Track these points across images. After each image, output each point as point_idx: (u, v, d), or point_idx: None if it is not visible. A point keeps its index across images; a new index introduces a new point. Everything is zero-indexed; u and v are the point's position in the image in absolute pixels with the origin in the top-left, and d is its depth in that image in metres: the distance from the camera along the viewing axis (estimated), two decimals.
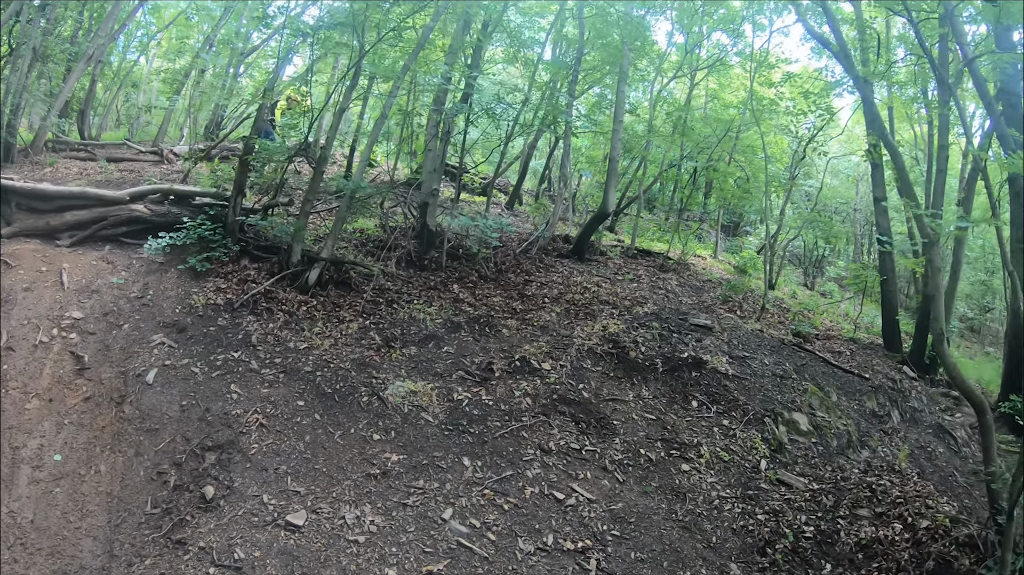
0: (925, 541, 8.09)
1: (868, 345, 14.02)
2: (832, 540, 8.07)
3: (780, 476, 8.99)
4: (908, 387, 12.61)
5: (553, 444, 8.68)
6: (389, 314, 11.11)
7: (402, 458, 8.13)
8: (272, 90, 12.76)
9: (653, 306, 12.65)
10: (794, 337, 12.91)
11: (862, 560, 7.84)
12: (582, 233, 15.20)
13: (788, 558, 7.74)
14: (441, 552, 6.89)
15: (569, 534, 7.49)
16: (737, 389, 10.14)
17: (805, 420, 10.06)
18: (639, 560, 7.38)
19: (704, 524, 8.07)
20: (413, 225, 13.58)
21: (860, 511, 8.60)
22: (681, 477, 8.63)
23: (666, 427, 9.28)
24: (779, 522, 8.22)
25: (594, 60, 17.52)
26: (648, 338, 10.90)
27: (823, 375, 11.59)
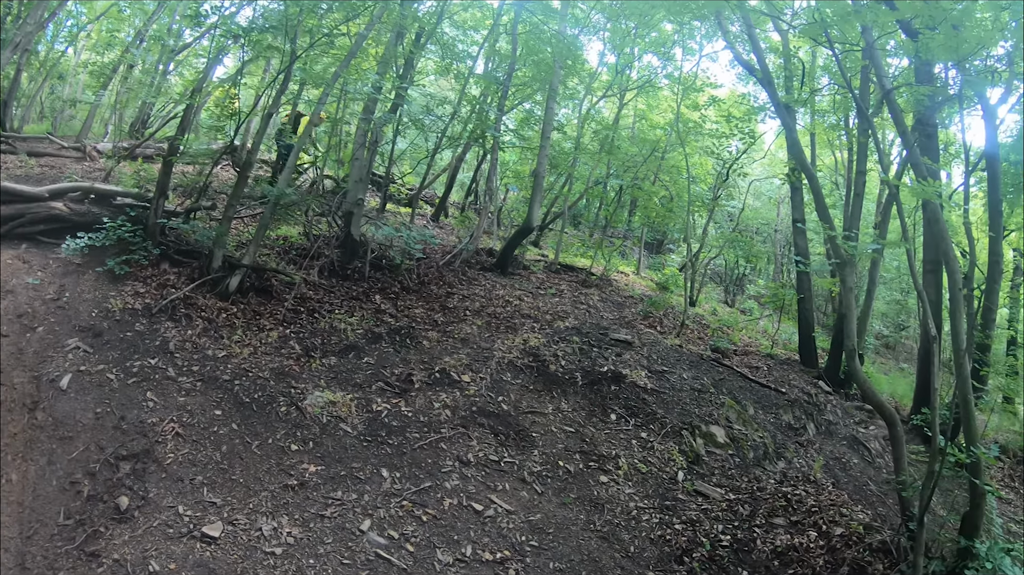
0: (840, 548, 8.33)
1: (785, 361, 14.39)
2: (749, 548, 8.22)
3: (697, 487, 9.15)
4: (823, 401, 12.97)
5: (472, 456, 8.67)
6: (310, 323, 11.01)
7: (320, 469, 8.03)
8: (201, 90, 12.58)
9: (574, 320, 12.77)
10: (713, 352, 13.18)
11: (778, 567, 8.01)
12: (506, 247, 15.29)
13: (705, 566, 7.85)
14: (359, 563, 6.82)
15: (488, 545, 7.48)
16: (655, 402, 10.30)
17: (722, 433, 10.28)
18: (558, 570, 7.41)
19: (622, 534, 8.13)
20: (337, 234, 13.47)
21: (776, 520, 8.80)
22: (599, 488, 8.70)
23: (585, 439, 9.36)
24: (696, 531, 8.34)
25: (525, 76, 17.68)
26: (568, 352, 11.01)
27: (740, 389, 11.85)
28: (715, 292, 22.88)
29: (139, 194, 11.81)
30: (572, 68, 17.35)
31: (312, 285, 12.06)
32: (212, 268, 10.84)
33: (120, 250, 10.63)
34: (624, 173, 19.17)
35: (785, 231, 26.12)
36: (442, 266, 14.21)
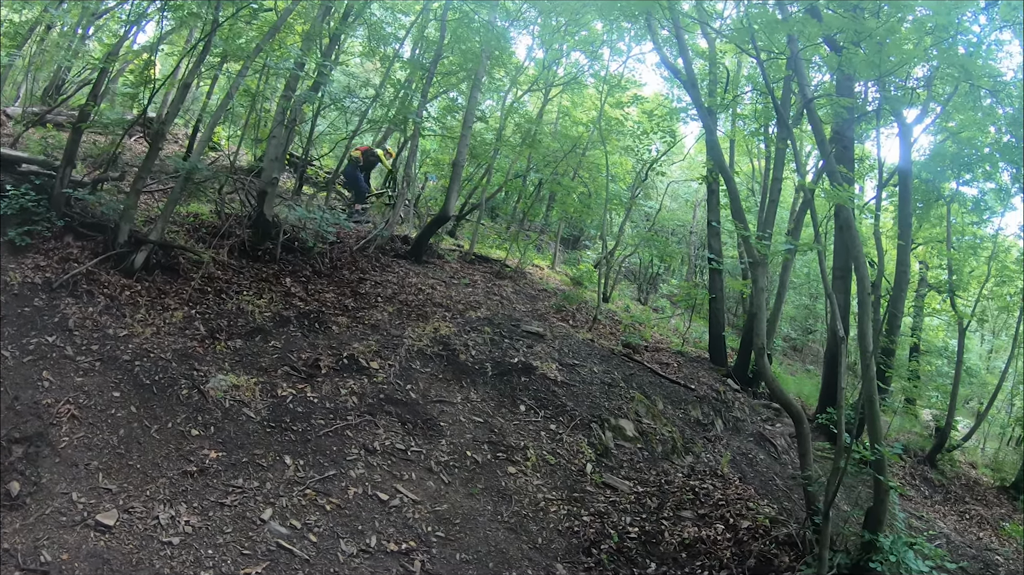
0: (746, 540, 8.54)
1: (695, 358, 14.66)
2: (656, 540, 8.37)
3: (606, 479, 9.28)
4: (732, 398, 13.26)
5: (378, 444, 8.58)
6: (216, 304, 10.68)
7: (221, 455, 7.81)
8: (117, 55, 12.13)
9: (487, 311, 12.74)
10: (624, 348, 13.32)
11: (686, 559, 8.16)
12: (421, 235, 15.16)
13: (613, 558, 7.96)
14: (260, 554, 6.66)
15: (393, 535, 7.41)
16: (565, 395, 10.38)
17: (631, 426, 10.43)
18: (464, 561, 7.40)
19: (530, 525, 8.18)
20: (250, 213, 13.13)
21: (684, 513, 8.98)
22: (507, 479, 8.72)
23: (493, 430, 9.37)
24: (604, 523, 8.46)
25: (452, 64, 17.55)
26: (480, 342, 11.00)
27: (650, 385, 12.02)
28: (629, 290, 23.13)
29: (46, 162, 11.29)
30: (499, 60, 17.32)
31: (221, 265, 11.71)
32: (118, 243, 10.42)
33: (22, 220, 10.11)
34: (544, 168, 19.22)
35: (700, 233, 26.59)
36: (356, 251, 14.00)
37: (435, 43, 16.16)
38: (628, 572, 7.81)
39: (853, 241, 9.27)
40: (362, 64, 23.27)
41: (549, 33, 18.25)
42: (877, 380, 14.81)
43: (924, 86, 17.03)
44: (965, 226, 22.73)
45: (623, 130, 19.10)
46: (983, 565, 13.70)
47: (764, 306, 9.88)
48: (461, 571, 7.28)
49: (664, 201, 25.30)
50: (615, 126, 18.97)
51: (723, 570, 8.06)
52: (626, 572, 7.81)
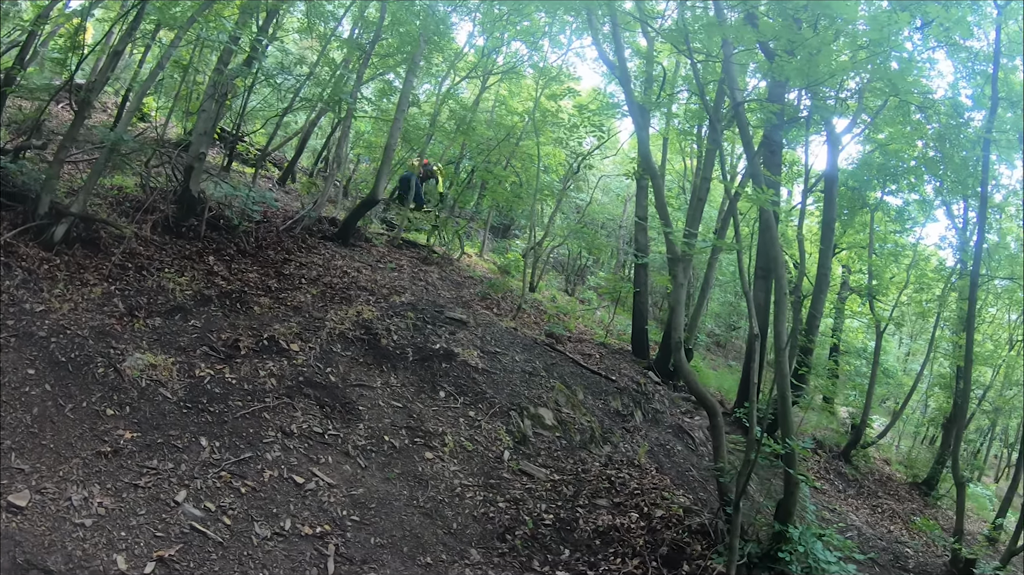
0: (660, 529, 8.72)
1: (618, 350, 14.88)
2: (571, 527, 8.54)
3: (523, 467, 9.43)
4: (652, 390, 13.51)
5: (296, 427, 8.56)
6: (137, 281, 10.45)
7: (136, 436, 7.69)
8: (48, 17, 11.79)
9: (411, 296, 12.75)
10: (547, 337, 13.49)
11: (599, 546, 8.34)
12: (349, 217, 15.07)
13: (528, 543, 8.12)
14: (173, 537, 6.59)
15: (308, 519, 7.42)
16: (486, 382, 10.49)
17: (551, 415, 10.59)
18: (379, 546, 7.45)
19: (446, 511, 8.27)
20: (176, 188, 12.89)
21: (599, 501, 9.16)
22: (424, 464, 8.80)
23: (412, 415, 9.43)
24: (520, 510, 8.61)
25: (390, 46, 17.42)
26: (402, 327, 11.02)
27: (572, 375, 12.21)
28: (556, 280, 23.31)
29: None
30: (438, 45, 17.25)
31: (143, 240, 11.49)
32: (38, 214, 10.10)
33: None
34: (477, 156, 19.27)
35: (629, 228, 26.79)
36: (282, 231, 13.87)
37: (375, 24, 16.05)
38: (542, 558, 7.97)
39: (772, 242, 9.54)
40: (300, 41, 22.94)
41: (491, 21, 18.25)
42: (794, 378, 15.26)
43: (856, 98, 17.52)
44: (888, 234, 23.48)
45: (557, 122, 19.23)
46: (893, 557, 14.20)
47: (683, 301, 10.15)
48: (375, 555, 7.33)
49: (595, 195, 25.55)
50: (550, 118, 19.09)
51: (636, 557, 8.24)
52: (540, 558, 7.96)
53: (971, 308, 16.09)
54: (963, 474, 16.54)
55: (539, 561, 7.92)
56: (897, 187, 20.83)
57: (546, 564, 7.91)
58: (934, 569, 14.59)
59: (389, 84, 19.26)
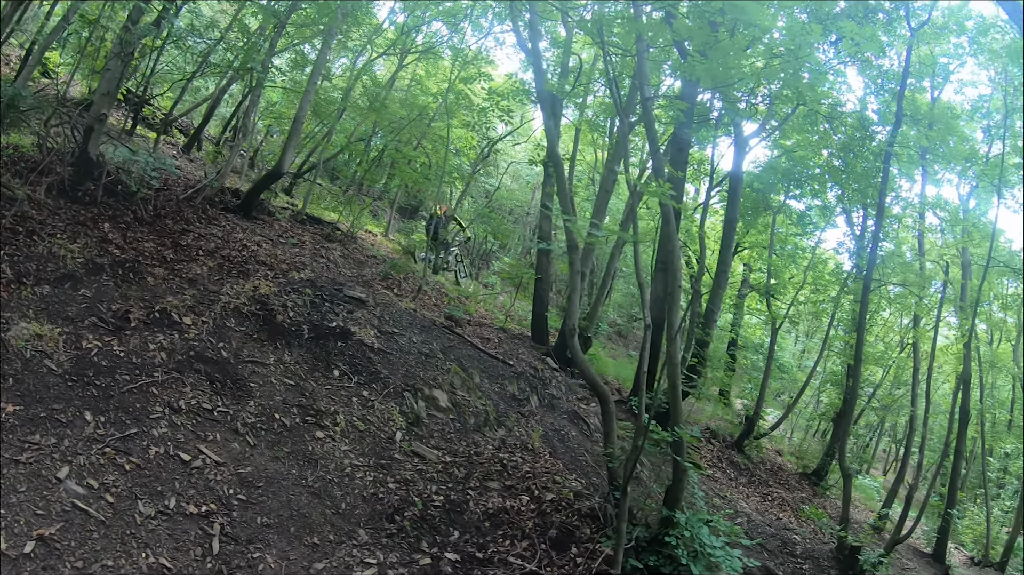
0: (550, 512, 8.85)
1: (517, 336, 14.92)
2: (461, 509, 8.58)
3: (415, 448, 9.38)
4: (549, 376, 13.59)
5: (184, 403, 8.30)
6: (27, 246, 9.94)
7: (18, 409, 7.32)
8: None
9: (311, 273, 12.51)
10: (447, 320, 13.44)
11: (489, 528, 8.43)
12: (253, 189, 14.70)
13: (417, 525, 8.10)
14: (54, 515, 6.32)
15: (193, 497, 7.22)
16: (381, 362, 10.39)
17: (445, 397, 10.57)
18: (265, 525, 7.32)
19: (334, 491, 8.17)
20: (74, 150, 12.38)
21: (491, 484, 9.24)
22: (315, 444, 8.66)
23: (304, 393, 9.26)
24: (410, 491, 8.58)
25: (307, 17, 17.06)
26: (299, 304, 10.81)
27: (469, 358, 12.19)
28: None
29: None
30: (358, 19, 17.01)
31: (36, 203, 10.95)
32: None
33: None
34: (389, 134, 19.07)
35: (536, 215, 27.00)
36: (182, 200, 13.41)
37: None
38: (431, 539, 7.98)
39: (670, 236, 9.68)
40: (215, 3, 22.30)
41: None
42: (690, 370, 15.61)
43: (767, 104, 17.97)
44: (788, 236, 24.19)
45: (471, 106, 19.16)
46: (781, 543, 14.62)
47: (579, 289, 10.25)
48: (261, 535, 7.20)
49: (505, 180, 25.62)
50: (463, 101, 19.03)
51: (525, 540, 8.35)
52: (429, 539, 7.97)
53: (863, 310, 16.66)
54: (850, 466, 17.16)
55: (428, 542, 7.93)
56: (801, 192, 21.52)
57: (435, 545, 7.92)
58: (821, 555, 15.06)
59: (303, 55, 18.91)
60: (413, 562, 7.55)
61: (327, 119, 18.61)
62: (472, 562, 7.85)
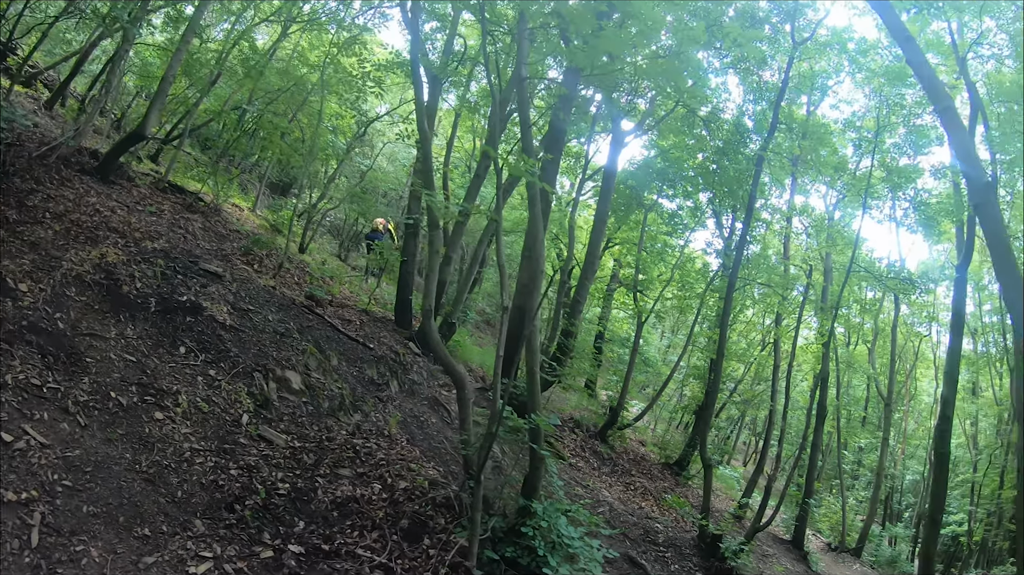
0: (402, 501, 8.53)
1: (380, 319, 14.53)
2: (308, 498, 8.16)
3: (262, 432, 8.88)
4: (411, 361, 13.30)
5: (11, 378, 7.59)
6: None
7: None
8: None
9: (166, 243, 11.70)
10: (307, 299, 12.94)
11: (337, 518, 8.04)
12: (112, 151, 13.77)
13: (259, 515, 7.65)
14: None
15: (13, 483, 6.56)
16: (232, 340, 9.85)
17: (299, 379, 10.12)
18: (91, 515, 6.76)
19: (171, 477, 7.62)
20: None
21: (342, 471, 8.83)
22: (152, 426, 8.08)
23: (145, 371, 8.65)
24: (253, 478, 8.09)
25: None
26: (149, 275, 10.12)
27: (328, 339, 11.74)
28: (331, 245, 22.59)
29: None
30: None
31: None
32: None
33: None
34: (265, 105, 18.35)
35: None
36: (34, 158, 12.47)
37: None
38: (273, 530, 7.56)
39: (535, 219, 9.54)
40: None
41: None
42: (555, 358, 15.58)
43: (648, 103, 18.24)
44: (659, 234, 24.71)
45: (349, 80, 18.60)
46: (643, 531, 14.77)
47: (436, 270, 10.03)
48: (86, 526, 6.64)
49: (381, 161, 25.15)
50: (342, 74, 18.46)
51: (375, 530, 8.05)
52: (271, 530, 7.55)
53: (727, 306, 17.04)
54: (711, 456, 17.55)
55: (270, 534, 7.51)
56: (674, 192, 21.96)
57: (277, 537, 7.51)
58: (683, 543, 15.32)
59: (181, 13, 17.95)
60: (253, 555, 7.11)
61: (198, 83, 17.74)
62: (318, 555, 7.48)
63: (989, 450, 28.74)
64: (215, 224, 14.34)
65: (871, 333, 32.92)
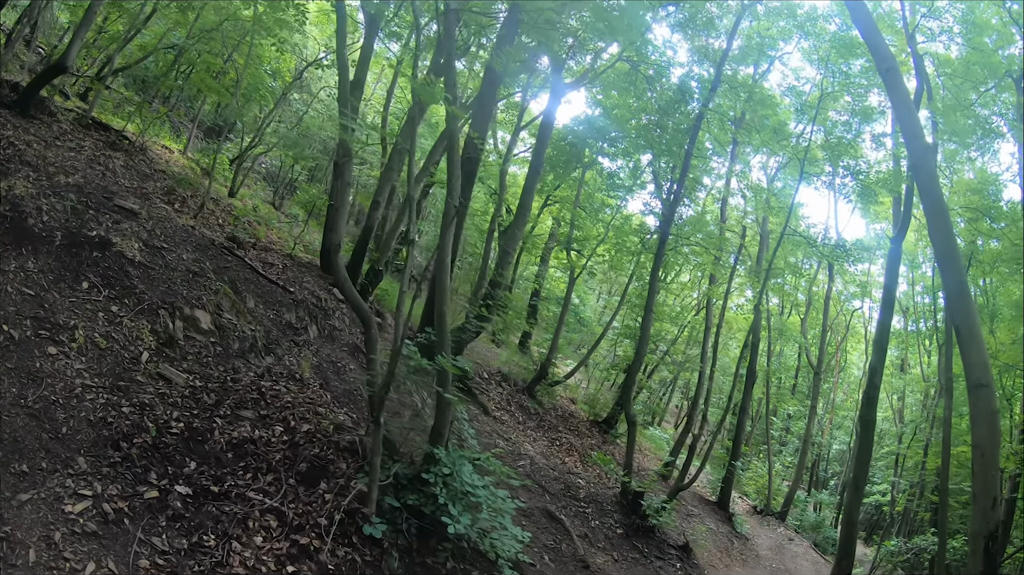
0: (303, 444, 8.40)
1: (306, 264, 14.29)
2: (203, 438, 7.92)
3: (161, 370, 8.59)
4: (333, 307, 13.14)
5: None
6: None
7: None
8: None
9: (81, 179, 11.23)
10: (229, 241, 12.65)
11: (231, 459, 7.83)
12: (32, 83, 13.30)
13: (146, 453, 7.36)
14: None
15: None
16: (140, 277, 9.50)
17: (209, 319, 9.87)
18: None
19: (57, 413, 7.28)
20: None
21: (244, 412, 8.63)
22: (44, 360, 7.75)
23: (44, 305, 8.31)
24: (145, 416, 7.78)
25: None
26: (58, 209, 9.70)
27: (245, 281, 11.49)
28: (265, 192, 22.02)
29: None
30: None
31: None
32: None
33: None
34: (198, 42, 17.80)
35: None
36: None
37: None
38: (161, 470, 7.28)
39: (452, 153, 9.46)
40: None
41: None
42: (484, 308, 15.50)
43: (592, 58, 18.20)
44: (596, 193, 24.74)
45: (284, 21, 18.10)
46: (565, 486, 14.86)
47: (347, 204, 9.88)
48: None
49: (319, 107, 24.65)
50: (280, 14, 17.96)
51: (271, 473, 7.88)
52: (159, 470, 7.26)
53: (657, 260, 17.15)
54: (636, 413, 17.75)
55: (157, 473, 7.21)
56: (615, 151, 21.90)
57: (165, 477, 7.22)
58: (605, 500, 15.45)
59: None
60: (136, 495, 6.83)
61: (128, 16, 17.15)
62: (206, 496, 7.25)
63: (914, 424, 29.45)
64: (139, 163, 13.89)
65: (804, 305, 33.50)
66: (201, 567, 6.42)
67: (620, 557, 13.81)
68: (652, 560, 14.53)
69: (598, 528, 14.31)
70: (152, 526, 6.61)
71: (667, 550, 15.40)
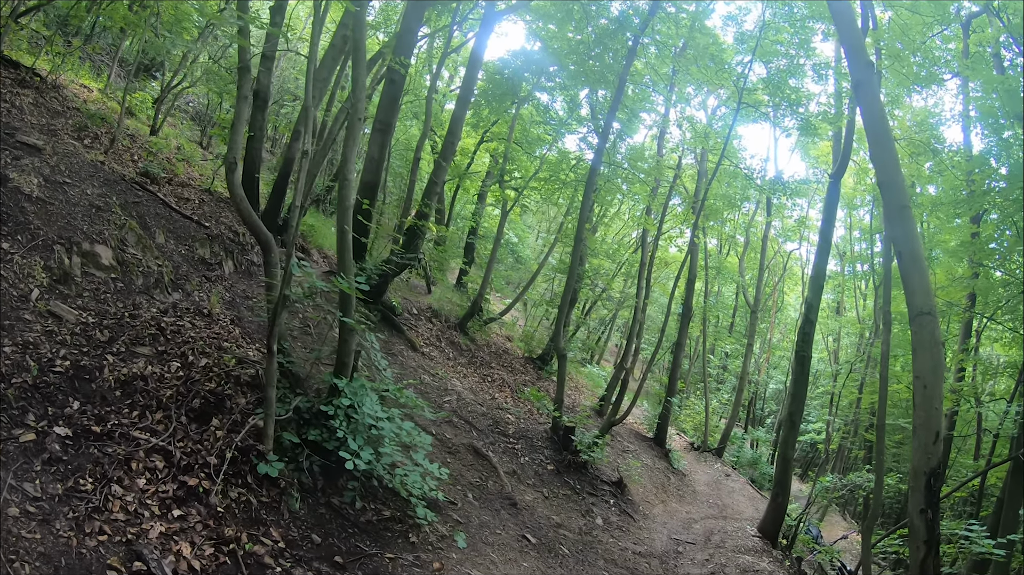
0: (199, 379, 8.25)
1: (225, 199, 13.87)
2: (91, 377, 7.67)
3: (52, 307, 8.33)
4: (251, 242, 12.93)
5: None
6: None
7: None
8: None
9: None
10: (141, 176, 12.30)
11: (118, 398, 7.61)
12: None
13: (25, 394, 7.02)
14: None
15: None
16: (37, 213, 9.19)
17: (111, 255, 9.63)
18: None
19: None
20: None
21: (140, 349, 8.42)
22: None
23: None
24: (27, 355, 7.47)
25: None
26: None
27: (156, 216, 11.27)
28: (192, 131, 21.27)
29: None
30: None
31: None
32: None
33: None
34: None
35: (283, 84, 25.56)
36: None
37: None
38: (40, 411, 6.97)
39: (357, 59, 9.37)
40: None
41: None
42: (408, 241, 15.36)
43: None
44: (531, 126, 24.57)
45: None
46: (493, 422, 14.90)
47: (244, 118, 9.69)
48: None
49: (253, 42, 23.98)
50: None
51: (160, 410, 7.71)
52: (38, 411, 6.95)
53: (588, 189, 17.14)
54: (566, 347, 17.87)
55: (36, 415, 6.91)
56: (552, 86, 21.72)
57: (43, 418, 6.93)
58: (535, 435, 15.51)
59: None
60: (11, 439, 6.51)
61: None
62: (87, 437, 7.02)
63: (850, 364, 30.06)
64: (50, 101, 13.36)
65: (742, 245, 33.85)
66: (76, 513, 6.20)
67: (550, 494, 13.86)
68: (584, 496, 14.62)
69: (528, 465, 14.36)
70: (26, 471, 6.32)
71: (600, 486, 15.56)
